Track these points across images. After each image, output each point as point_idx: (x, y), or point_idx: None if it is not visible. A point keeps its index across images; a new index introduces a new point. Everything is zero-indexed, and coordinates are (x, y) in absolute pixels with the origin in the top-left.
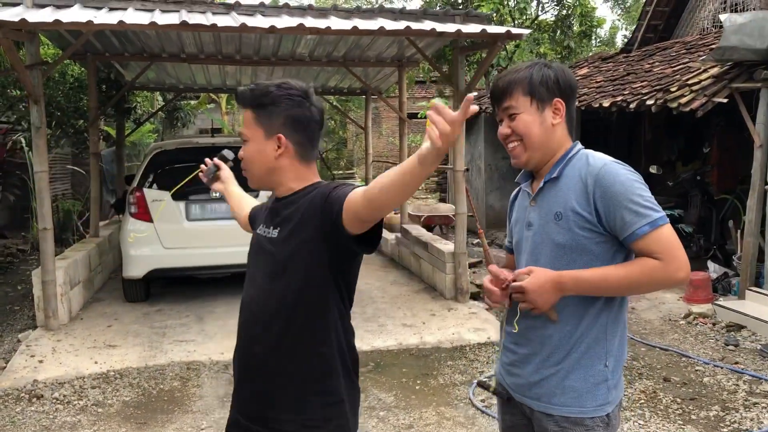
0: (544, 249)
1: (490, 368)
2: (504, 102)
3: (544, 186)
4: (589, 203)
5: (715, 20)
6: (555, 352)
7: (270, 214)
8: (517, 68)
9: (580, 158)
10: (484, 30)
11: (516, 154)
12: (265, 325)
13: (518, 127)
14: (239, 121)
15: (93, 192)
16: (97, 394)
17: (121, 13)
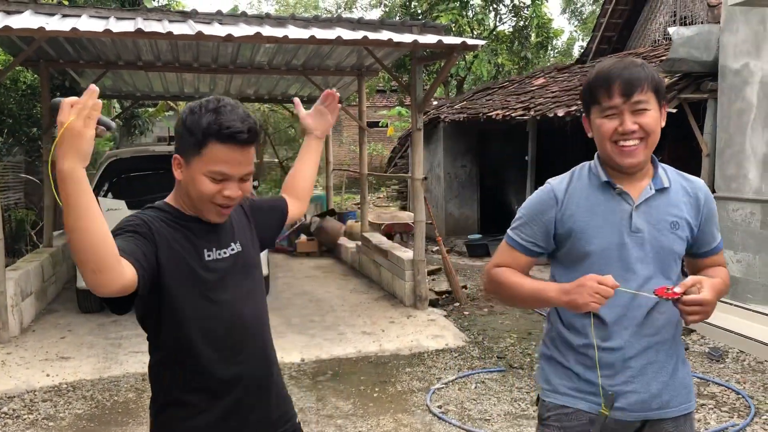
0: (655, 255)
1: (448, 374)
2: (635, 95)
3: (656, 194)
4: (697, 217)
5: (665, 32)
6: (669, 357)
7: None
8: (627, 63)
9: (670, 171)
10: (441, 41)
11: (636, 152)
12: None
13: (649, 124)
14: None
15: (47, 201)
16: (48, 407)
17: (74, 20)
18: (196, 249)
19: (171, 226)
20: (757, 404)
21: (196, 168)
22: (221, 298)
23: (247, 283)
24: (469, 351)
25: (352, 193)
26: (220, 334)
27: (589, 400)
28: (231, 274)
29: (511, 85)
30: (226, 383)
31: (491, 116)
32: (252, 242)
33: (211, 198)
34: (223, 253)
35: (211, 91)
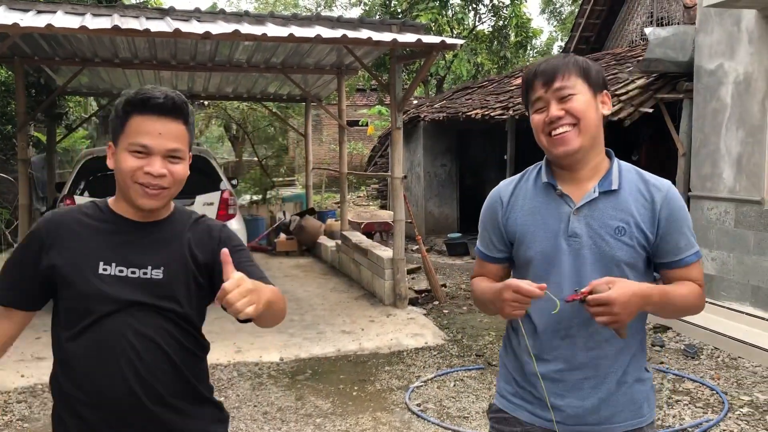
0: (596, 263)
1: (427, 372)
2: (555, 82)
3: (600, 196)
4: (653, 222)
5: (642, 33)
6: (612, 370)
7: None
8: (550, 57)
9: (629, 170)
10: (420, 40)
11: (568, 138)
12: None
13: (575, 108)
14: None
15: (22, 199)
16: (23, 408)
17: (49, 16)
18: (92, 257)
19: (83, 225)
20: (730, 400)
21: (120, 147)
22: (97, 323)
23: (148, 320)
24: (448, 349)
25: (332, 192)
26: (82, 360)
27: (526, 408)
28: (126, 297)
29: (491, 85)
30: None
31: (470, 116)
32: (186, 278)
33: (132, 175)
34: (131, 272)
35: (189, 89)
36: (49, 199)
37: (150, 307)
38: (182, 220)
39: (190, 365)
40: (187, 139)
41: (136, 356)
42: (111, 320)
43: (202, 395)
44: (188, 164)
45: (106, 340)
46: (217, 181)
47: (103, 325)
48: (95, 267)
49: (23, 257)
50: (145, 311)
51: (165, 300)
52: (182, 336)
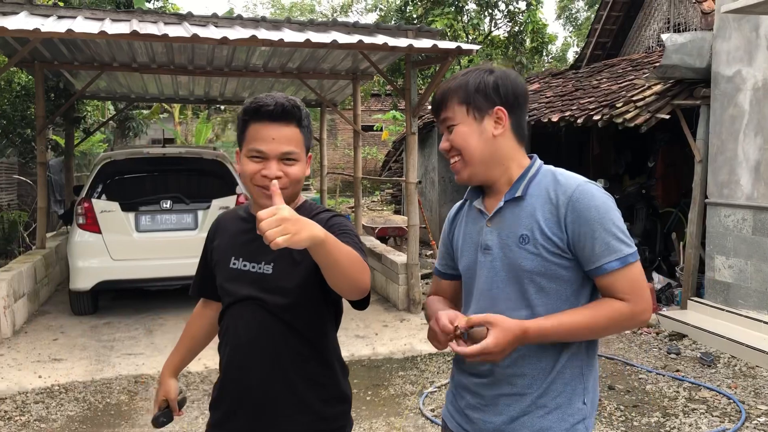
0: (508, 275)
1: (441, 378)
2: (441, 113)
3: (505, 205)
4: (560, 227)
5: (659, 39)
6: (530, 390)
7: (246, 244)
8: (454, 76)
9: (545, 175)
10: (435, 45)
11: (456, 169)
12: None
13: (455, 140)
14: (192, 131)
15: (40, 202)
16: (41, 409)
17: (69, 21)
18: (228, 253)
19: (235, 221)
20: (748, 409)
21: (243, 153)
22: (230, 312)
23: (257, 314)
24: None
25: (347, 196)
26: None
27: (453, 416)
28: (245, 289)
29: None
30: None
31: None
32: (302, 275)
33: (252, 178)
34: (252, 267)
35: (206, 93)
36: (66, 201)
37: (259, 300)
38: (307, 216)
39: (291, 359)
40: (301, 141)
41: (242, 345)
42: (232, 310)
43: (304, 395)
44: (307, 164)
45: (227, 329)
46: (233, 185)
47: (227, 314)
48: (228, 261)
49: (203, 252)
50: (254, 304)
51: (272, 292)
52: (287, 329)
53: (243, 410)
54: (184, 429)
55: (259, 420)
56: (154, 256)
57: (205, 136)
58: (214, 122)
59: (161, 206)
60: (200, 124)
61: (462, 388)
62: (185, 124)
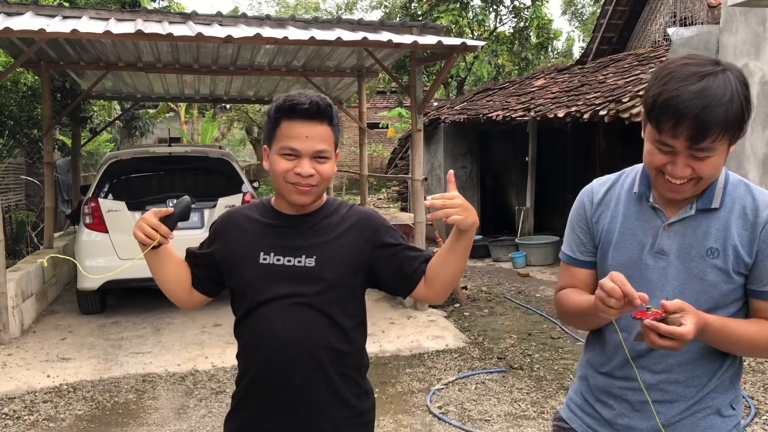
0: (681, 285)
1: (448, 375)
2: (704, 142)
3: (696, 214)
4: (752, 244)
5: (665, 33)
6: (683, 396)
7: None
8: (713, 97)
9: (737, 186)
10: (440, 41)
11: (682, 191)
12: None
13: (706, 171)
14: (198, 130)
15: (47, 202)
16: (49, 408)
17: (74, 21)
18: (254, 249)
19: (250, 220)
20: (757, 404)
21: (273, 150)
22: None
23: (298, 311)
24: (469, 352)
25: (353, 194)
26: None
27: (586, 422)
28: (283, 285)
29: (512, 86)
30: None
31: (491, 117)
32: (346, 268)
33: (284, 176)
34: (288, 261)
35: (212, 92)
36: (74, 201)
37: (302, 298)
38: (334, 210)
39: (332, 356)
40: (332, 139)
41: (282, 344)
42: (268, 308)
43: (342, 391)
44: (335, 162)
45: (262, 327)
46: (239, 183)
47: (259, 312)
48: (256, 257)
49: (203, 247)
50: (298, 303)
51: (316, 288)
52: (333, 330)
53: (279, 410)
54: (191, 428)
55: (297, 419)
56: None
57: (211, 135)
58: (220, 121)
59: (167, 205)
60: (206, 122)
61: (601, 391)
62: (191, 123)
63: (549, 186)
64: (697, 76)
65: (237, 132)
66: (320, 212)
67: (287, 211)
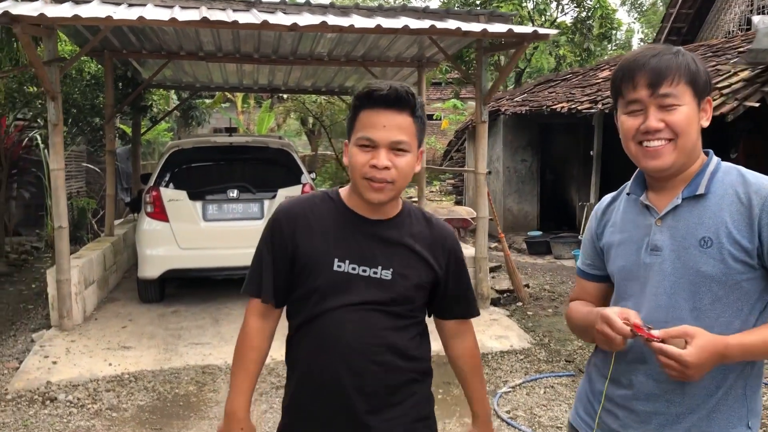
0: (678, 280)
1: (514, 377)
2: (662, 86)
3: (683, 203)
4: (752, 230)
5: (740, 23)
6: (689, 410)
7: (351, 244)
8: (658, 50)
9: (728, 172)
10: (511, 30)
11: (662, 152)
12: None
13: (678, 122)
14: (254, 120)
15: (109, 190)
16: (112, 397)
17: (140, 9)
18: (329, 254)
19: (319, 216)
20: None
21: (351, 142)
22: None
23: (374, 320)
24: (535, 353)
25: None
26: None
27: (591, 426)
28: (354, 294)
29: (575, 77)
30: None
31: (556, 109)
32: (419, 284)
33: (361, 170)
34: (363, 271)
35: (270, 83)
36: (133, 189)
37: (374, 305)
38: (412, 220)
39: (403, 372)
40: (414, 131)
41: (351, 354)
42: (337, 315)
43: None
44: (417, 158)
45: (327, 335)
46: (299, 174)
47: (328, 319)
48: (330, 263)
49: (274, 250)
50: (368, 310)
51: (391, 300)
52: (400, 341)
53: (345, 417)
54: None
55: (362, 426)
56: (221, 245)
57: (267, 125)
58: (277, 111)
59: (228, 195)
60: (263, 113)
61: (615, 404)
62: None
63: (613, 181)
64: (649, 46)
65: (293, 122)
66: (398, 219)
67: (362, 212)
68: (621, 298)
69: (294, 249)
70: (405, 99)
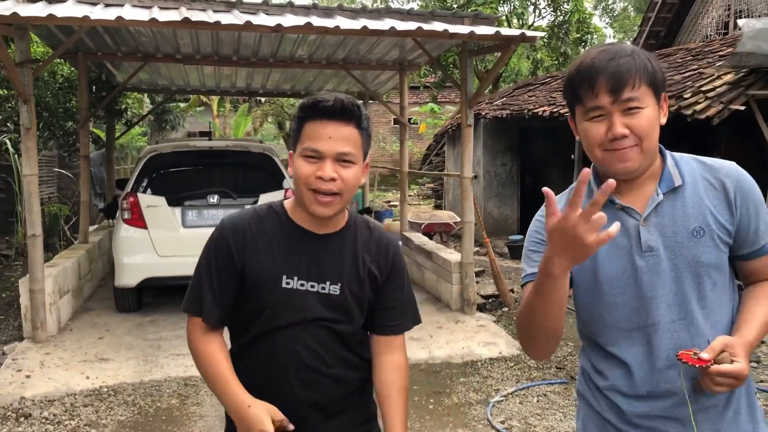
0: (677, 275)
1: (506, 385)
2: (623, 92)
3: (664, 198)
4: (730, 211)
5: (718, 27)
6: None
7: (300, 258)
8: (614, 52)
9: (687, 161)
10: (498, 32)
11: (630, 157)
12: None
13: (643, 126)
14: (230, 124)
15: (83, 196)
16: (90, 412)
17: (117, 9)
18: (277, 271)
19: (264, 233)
20: None
21: (296, 154)
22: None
23: (324, 336)
24: (524, 360)
25: (381, 190)
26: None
27: None
28: (306, 310)
29: (554, 81)
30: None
31: (537, 113)
32: (366, 297)
33: (306, 181)
34: (311, 286)
35: (248, 85)
36: (107, 195)
37: (324, 322)
38: (357, 231)
39: (351, 381)
40: (359, 143)
41: (304, 370)
42: (286, 332)
43: (363, 414)
44: (363, 170)
45: (279, 352)
46: (281, 179)
47: (277, 336)
48: (279, 279)
49: (219, 267)
50: (319, 326)
51: (340, 316)
52: (348, 353)
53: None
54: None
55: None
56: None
57: (244, 129)
58: (254, 115)
59: (208, 201)
60: (239, 116)
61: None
62: (224, 117)
63: None
64: (596, 48)
65: (269, 126)
66: (345, 231)
67: (308, 226)
68: (614, 305)
69: (242, 266)
70: (350, 110)
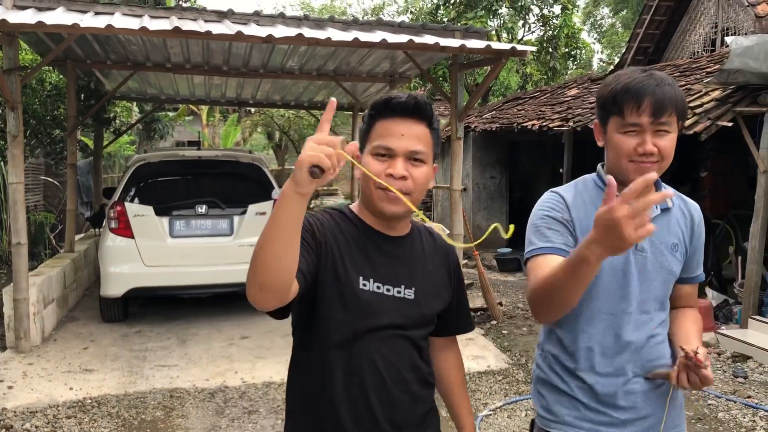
0: (657, 277)
1: (494, 399)
2: (663, 116)
3: (661, 213)
4: (691, 240)
5: (705, 44)
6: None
7: (374, 262)
8: (660, 80)
9: (668, 189)
10: (489, 46)
11: (651, 171)
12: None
13: (666, 148)
14: (219, 134)
15: (69, 204)
16: (73, 424)
17: (108, 17)
18: (353, 271)
19: (339, 231)
20: None
21: (366, 151)
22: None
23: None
24: (513, 374)
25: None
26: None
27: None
28: (382, 315)
29: (543, 95)
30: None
31: (527, 126)
32: (439, 301)
33: (375, 179)
34: (387, 290)
35: (238, 95)
36: (94, 204)
37: (400, 330)
38: (422, 236)
39: (427, 401)
40: (430, 142)
41: (380, 378)
42: (366, 341)
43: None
44: (432, 171)
45: (361, 363)
46: (270, 189)
47: (356, 346)
48: (356, 281)
49: (309, 235)
50: (397, 336)
51: (415, 322)
52: (422, 362)
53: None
54: None
55: None
56: (188, 262)
57: (233, 139)
58: (244, 125)
59: (196, 211)
60: (228, 126)
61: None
62: (213, 127)
63: None
64: (639, 70)
65: (259, 136)
66: (411, 236)
67: (378, 227)
68: (608, 291)
69: (326, 251)
70: (424, 109)
